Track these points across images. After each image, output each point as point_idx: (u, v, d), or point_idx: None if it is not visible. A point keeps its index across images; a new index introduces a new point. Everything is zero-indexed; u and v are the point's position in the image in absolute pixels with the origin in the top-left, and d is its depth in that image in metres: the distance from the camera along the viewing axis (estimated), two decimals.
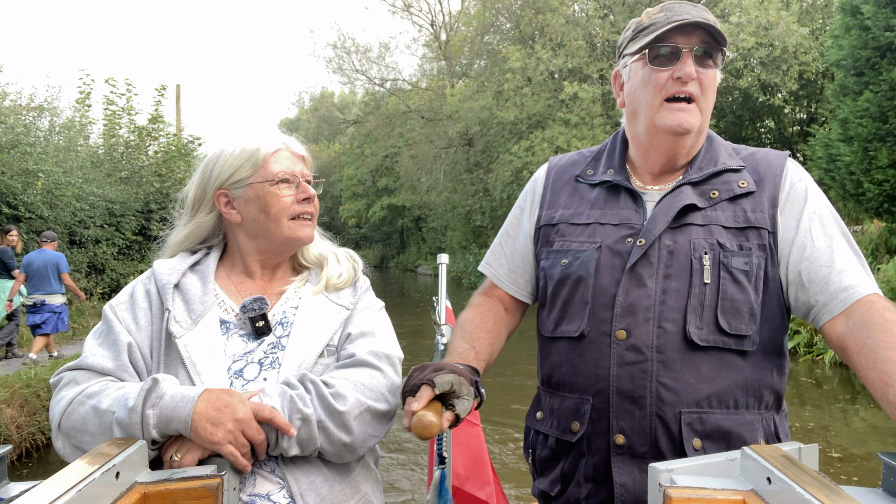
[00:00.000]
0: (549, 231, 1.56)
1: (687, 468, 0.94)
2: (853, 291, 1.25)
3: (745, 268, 1.35)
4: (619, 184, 1.50)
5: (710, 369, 1.34)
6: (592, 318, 1.42)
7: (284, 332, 1.42)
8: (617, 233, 1.45)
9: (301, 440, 1.26)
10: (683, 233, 1.40)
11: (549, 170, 1.67)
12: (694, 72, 1.37)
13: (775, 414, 1.43)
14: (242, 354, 1.37)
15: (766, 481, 0.86)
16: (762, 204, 1.39)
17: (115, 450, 0.98)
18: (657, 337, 1.35)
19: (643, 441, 1.36)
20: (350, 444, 1.31)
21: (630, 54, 1.45)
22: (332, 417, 1.28)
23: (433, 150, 28.69)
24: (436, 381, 1.17)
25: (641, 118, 1.45)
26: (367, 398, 1.33)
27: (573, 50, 18.18)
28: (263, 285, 1.50)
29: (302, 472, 1.31)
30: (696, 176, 1.44)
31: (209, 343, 1.35)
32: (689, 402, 1.33)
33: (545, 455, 1.54)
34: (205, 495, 0.98)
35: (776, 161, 1.45)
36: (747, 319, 1.34)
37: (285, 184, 1.43)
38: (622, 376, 1.36)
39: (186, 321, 1.36)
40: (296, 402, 1.26)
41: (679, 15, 1.37)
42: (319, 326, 1.42)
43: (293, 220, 1.44)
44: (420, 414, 1.12)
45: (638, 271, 1.39)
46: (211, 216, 1.49)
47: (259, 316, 1.40)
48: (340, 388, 1.31)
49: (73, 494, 0.79)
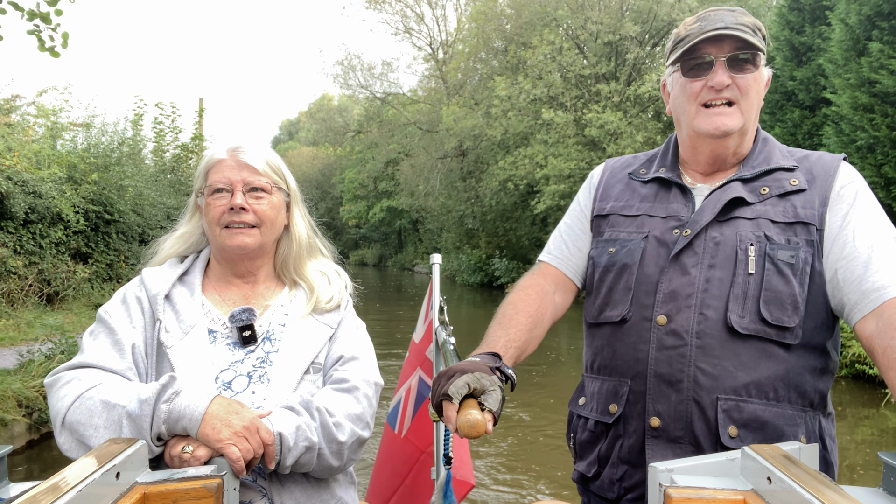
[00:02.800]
0: (601, 222, 1.60)
1: (687, 468, 0.93)
2: (885, 292, 1.23)
3: (791, 261, 1.34)
4: (670, 179, 1.53)
5: (750, 358, 1.32)
6: (635, 304, 1.44)
7: (273, 347, 1.45)
8: (664, 224, 1.47)
9: (299, 463, 1.32)
10: (731, 225, 1.40)
11: (605, 168, 1.72)
12: (727, 79, 1.38)
13: (821, 416, 1.40)
14: (230, 364, 1.41)
15: (767, 481, 0.84)
16: (813, 201, 1.39)
17: (116, 450, 0.96)
18: (698, 323, 1.35)
19: (678, 425, 1.35)
20: (336, 468, 1.40)
21: (670, 65, 1.50)
22: (330, 446, 1.35)
23: (430, 161, 31.81)
24: (451, 393, 1.15)
25: (683, 125, 1.49)
26: (358, 428, 1.41)
27: (550, 81, 21.42)
28: (246, 293, 1.54)
29: (282, 482, 1.36)
30: (748, 173, 1.44)
31: (198, 353, 1.38)
32: (727, 389, 1.32)
33: (584, 438, 1.55)
34: (205, 495, 0.96)
35: (830, 162, 1.44)
36: (790, 311, 1.33)
37: (219, 193, 1.45)
38: (660, 360, 1.37)
39: (177, 332, 1.40)
40: (304, 430, 1.31)
41: (712, 24, 1.39)
42: (305, 345, 1.47)
43: (225, 228, 1.45)
44: (462, 418, 1.11)
45: (682, 260, 1.40)
46: (195, 219, 1.57)
47: (246, 326, 1.44)
48: (339, 419, 1.37)
49: (73, 494, 0.78)
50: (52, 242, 11.51)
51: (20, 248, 10.82)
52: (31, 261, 11.06)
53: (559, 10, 22.49)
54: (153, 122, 19.33)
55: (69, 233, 12.03)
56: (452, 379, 1.17)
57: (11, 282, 10.64)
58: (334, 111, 54.61)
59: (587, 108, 21.16)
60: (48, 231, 11.41)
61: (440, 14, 38.01)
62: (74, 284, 11.79)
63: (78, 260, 12.51)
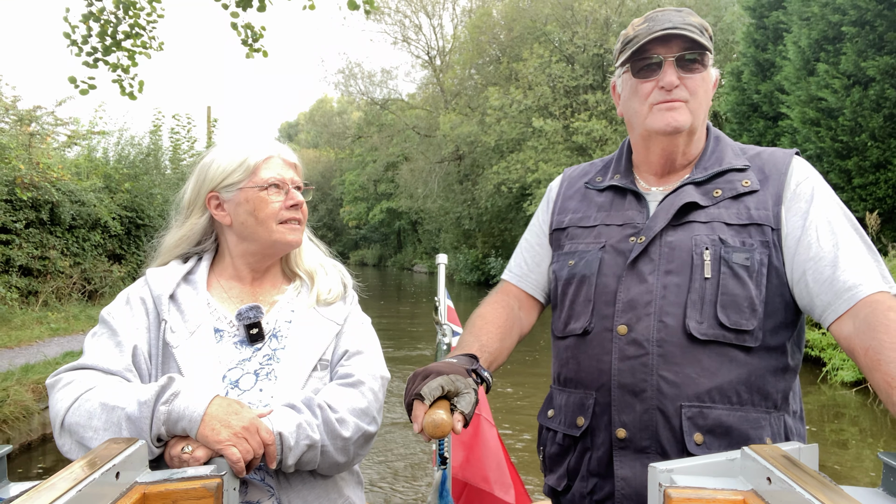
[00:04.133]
0: (561, 235, 1.59)
1: (687, 468, 0.93)
2: (857, 291, 1.21)
3: (746, 263, 1.33)
4: (624, 187, 1.52)
5: (712, 363, 1.32)
6: (596, 315, 1.43)
7: (280, 345, 1.45)
8: (621, 232, 1.46)
9: (302, 462, 1.31)
10: (685, 230, 1.39)
11: (563, 180, 1.71)
12: (676, 80, 1.37)
13: (787, 415, 1.38)
14: (237, 363, 1.40)
15: (767, 481, 0.84)
16: (766, 202, 1.37)
17: (116, 450, 0.96)
18: (657, 331, 1.34)
19: (644, 435, 1.34)
20: (343, 464, 1.39)
21: (620, 66, 1.49)
22: (334, 443, 1.33)
23: (429, 164, 33.29)
24: (423, 393, 1.14)
25: (635, 125, 1.47)
26: (363, 423, 1.39)
27: (540, 92, 22.97)
28: (254, 290, 1.53)
29: (290, 480, 1.35)
30: (700, 175, 1.44)
31: (204, 352, 1.37)
32: (690, 396, 1.32)
33: (554, 451, 1.54)
34: (205, 495, 0.96)
35: (782, 159, 1.43)
36: (748, 314, 1.32)
37: (274, 189, 1.46)
38: (623, 370, 1.36)
39: (183, 331, 1.38)
40: (305, 428, 1.29)
41: (660, 24, 1.38)
42: (313, 342, 1.46)
43: (281, 224, 1.47)
44: (428, 417, 1.11)
45: (639, 268, 1.39)
46: (203, 218, 1.51)
47: (254, 323, 1.43)
48: (343, 415, 1.35)
49: (73, 494, 0.78)
50: (92, 245, 12.98)
51: (66, 250, 12.28)
52: (75, 261, 12.52)
53: (548, 25, 24.07)
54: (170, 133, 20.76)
55: (106, 236, 13.49)
56: (427, 380, 1.17)
57: (60, 280, 12.11)
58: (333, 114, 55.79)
59: (575, 116, 22.71)
60: (89, 235, 12.88)
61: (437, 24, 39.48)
62: (111, 282, 13.24)
63: (113, 260, 13.96)
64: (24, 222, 11.17)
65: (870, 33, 12.19)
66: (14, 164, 11.03)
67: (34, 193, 11.28)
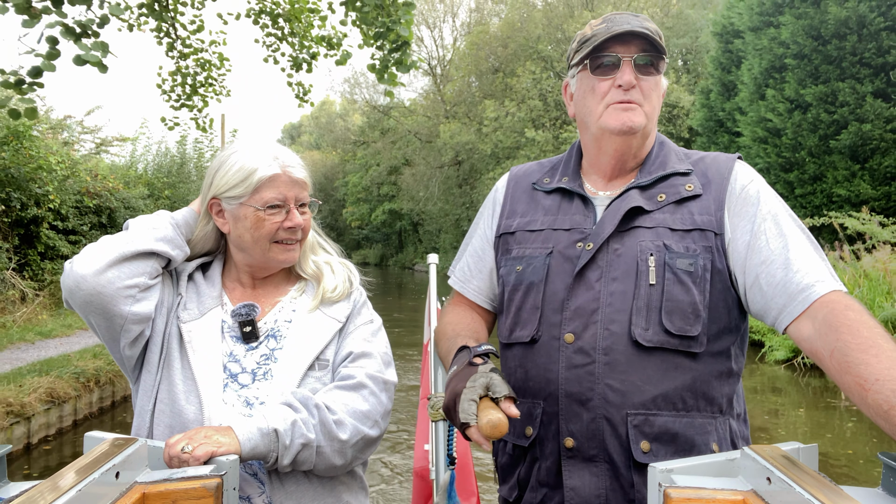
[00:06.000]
0: (509, 239, 1.56)
1: (687, 468, 0.93)
2: (811, 292, 1.21)
3: (690, 269, 1.33)
4: (571, 190, 1.51)
5: (657, 371, 1.31)
6: (543, 323, 1.41)
7: (278, 344, 1.44)
8: (568, 238, 1.44)
9: (297, 462, 1.30)
10: (631, 236, 1.38)
11: (510, 179, 1.67)
12: (633, 79, 1.37)
13: (731, 419, 1.39)
14: (236, 357, 1.42)
15: (766, 481, 0.84)
16: (709, 206, 1.38)
17: (116, 450, 0.96)
18: (604, 339, 1.33)
19: (592, 444, 1.33)
20: (340, 466, 1.37)
21: (575, 65, 1.47)
22: (331, 444, 1.32)
23: (429, 169, 35.37)
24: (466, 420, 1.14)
25: (589, 125, 1.46)
26: (363, 426, 1.37)
27: (532, 105, 25.14)
28: (256, 292, 1.53)
29: (283, 479, 1.34)
30: (645, 180, 1.43)
31: (209, 336, 1.40)
32: (636, 404, 1.30)
33: (505, 461, 1.52)
34: (205, 495, 0.96)
35: (724, 164, 1.43)
36: (692, 320, 1.32)
37: (274, 209, 1.44)
38: (570, 379, 1.34)
39: (195, 311, 1.43)
40: (300, 426, 1.28)
41: (619, 25, 1.38)
42: (311, 340, 1.45)
43: (276, 243, 1.46)
44: (484, 427, 1.10)
45: (586, 275, 1.38)
46: (211, 224, 1.50)
47: (248, 321, 1.43)
48: (341, 416, 1.34)
49: (73, 494, 0.78)
50: None
51: None
52: None
53: (540, 44, 26.21)
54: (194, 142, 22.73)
55: None
56: (457, 407, 1.17)
57: None
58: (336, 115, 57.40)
59: (564, 128, 24.83)
60: None
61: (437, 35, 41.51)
62: None
63: None
64: (89, 225, 13.21)
65: (807, 65, 14.27)
66: (82, 177, 13.10)
67: (97, 201, 13.35)
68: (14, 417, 6.38)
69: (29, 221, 11.78)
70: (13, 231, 11.69)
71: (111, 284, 1.31)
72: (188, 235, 1.49)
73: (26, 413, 6.55)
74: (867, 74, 13.61)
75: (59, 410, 7.14)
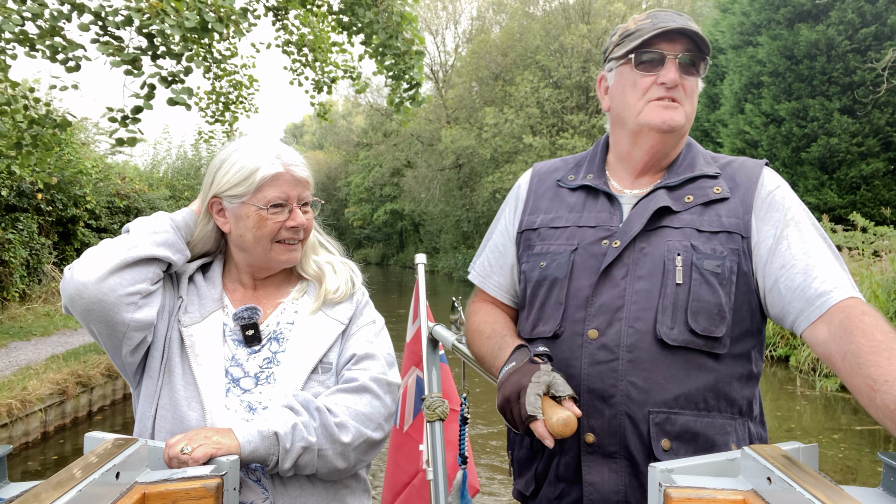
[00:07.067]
0: (531, 235, 1.56)
1: (687, 468, 0.94)
2: (829, 297, 1.22)
3: (718, 270, 1.33)
4: (597, 187, 1.50)
5: (680, 370, 1.32)
6: (567, 319, 1.41)
7: (280, 347, 1.43)
8: (594, 235, 1.44)
9: (298, 466, 1.30)
10: (658, 235, 1.38)
11: (533, 176, 1.67)
12: (678, 78, 1.37)
13: (750, 421, 1.40)
14: (238, 361, 1.41)
15: (767, 481, 0.84)
16: (737, 210, 1.38)
17: (116, 450, 0.96)
18: (628, 336, 1.33)
19: (612, 440, 1.34)
20: (343, 470, 1.37)
21: (616, 59, 1.46)
22: (333, 447, 1.32)
23: (431, 172, 36.52)
24: (533, 413, 1.15)
25: (627, 120, 1.44)
26: (366, 429, 1.37)
27: (530, 113, 26.37)
28: (257, 294, 1.51)
29: (286, 484, 1.34)
30: (673, 180, 1.43)
31: (211, 339, 1.39)
32: (658, 402, 1.31)
33: (522, 455, 1.53)
34: (205, 495, 0.96)
35: (752, 169, 1.44)
36: (717, 321, 1.32)
37: (277, 209, 1.42)
38: (592, 375, 1.35)
39: (196, 314, 1.41)
40: (300, 429, 1.28)
41: (664, 22, 1.38)
42: (314, 343, 1.44)
43: (278, 243, 1.44)
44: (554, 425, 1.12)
45: (612, 272, 1.38)
46: (211, 224, 1.48)
47: (250, 325, 1.42)
48: (343, 419, 1.34)
49: (73, 494, 0.78)
50: None
51: None
52: None
53: (538, 55, 27.44)
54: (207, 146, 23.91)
55: None
56: (521, 399, 1.18)
57: None
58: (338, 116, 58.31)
59: (560, 134, 26.06)
60: None
61: (440, 41, 42.68)
62: None
63: None
64: (119, 224, 14.39)
65: (782, 83, 15.45)
66: (113, 180, 14.30)
67: (126, 202, 14.54)
68: (82, 387, 7.58)
69: (67, 220, 12.97)
70: (53, 229, 12.88)
71: (113, 292, 1.29)
72: (188, 237, 1.46)
73: (91, 384, 7.76)
74: (835, 92, 14.79)
75: (113, 384, 8.34)
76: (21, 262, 11.20)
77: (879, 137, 14.52)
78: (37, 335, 10.07)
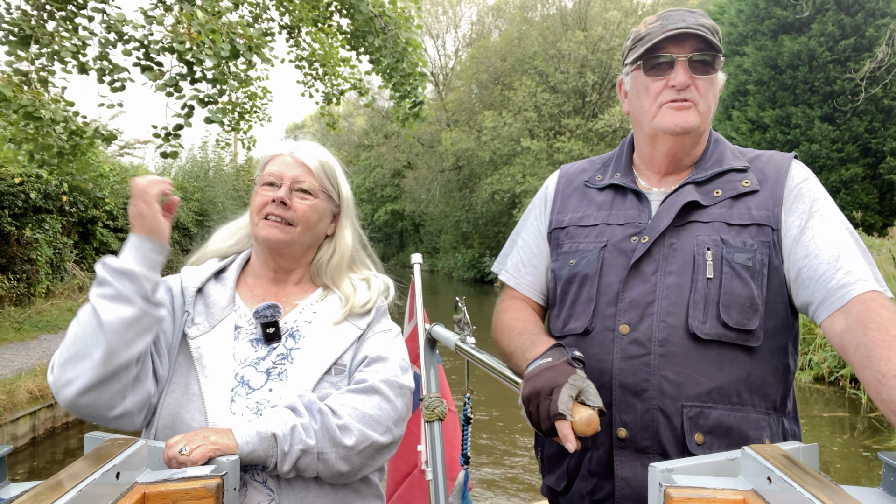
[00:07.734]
0: (560, 234, 1.57)
1: (687, 468, 0.93)
2: (851, 289, 1.21)
3: (748, 263, 1.33)
4: (625, 185, 1.51)
5: (713, 363, 1.32)
6: (597, 315, 1.42)
7: (296, 344, 1.43)
8: (623, 232, 1.45)
9: (298, 468, 1.28)
10: (687, 230, 1.39)
11: (560, 177, 1.68)
12: (688, 79, 1.37)
13: (783, 416, 1.39)
14: (252, 361, 1.39)
15: (767, 481, 0.84)
16: (766, 202, 1.38)
17: (116, 450, 0.96)
18: (660, 331, 1.34)
19: (645, 435, 1.34)
20: (347, 474, 1.33)
21: (629, 64, 1.48)
22: (335, 450, 1.29)
23: (431, 173, 37.21)
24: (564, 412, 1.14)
25: (643, 124, 1.47)
26: (373, 431, 1.33)
27: (528, 117, 27.12)
28: (278, 291, 1.52)
29: (293, 487, 1.32)
30: (701, 176, 1.43)
31: (220, 347, 1.38)
32: (691, 396, 1.31)
33: (552, 451, 1.53)
34: (205, 495, 0.96)
35: (781, 161, 1.43)
36: (750, 314, 1.32)
37: (269, 186, 1.45)
38: (624, 370, 1.35)
39: (204, 324, 1.40)
40: (299, 432, 1.26)
41: (673, 24, 1.38)
42: (330, 343, 1.43)
43: (264, 219, 1.44)
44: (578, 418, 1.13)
45: (642, 268, 1.39)
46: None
47: (270, 322, 1.42)
48: (347, 421, 1.31)
49: (73, 494, 0.78)
50: (173, 241, 16.98)
51: None
52: None
53: (536, 60, 28.20)
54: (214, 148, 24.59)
55: (181, 234, 17.50)
56: (553, 395, 1.17)
57: None
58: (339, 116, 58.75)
59: (557, 138, 26.81)
60: (173, 234, 16.90)
61: (440, 44, 43.34)
62: None
63: (184, 253, 17.99)
64: None
65: (766, 91, 16.20)
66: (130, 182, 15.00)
67: None
68: None
69: (87, 221, 13.70)
70: (74, 229, 13.61)
71: (95, 406, 1.25)
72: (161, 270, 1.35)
73: None
74: (816, 101, 15.53)
75: None
76: (46, 260, 11.92)
77: (858, 144, 15.28)
78: (62, 328, 10.81)
